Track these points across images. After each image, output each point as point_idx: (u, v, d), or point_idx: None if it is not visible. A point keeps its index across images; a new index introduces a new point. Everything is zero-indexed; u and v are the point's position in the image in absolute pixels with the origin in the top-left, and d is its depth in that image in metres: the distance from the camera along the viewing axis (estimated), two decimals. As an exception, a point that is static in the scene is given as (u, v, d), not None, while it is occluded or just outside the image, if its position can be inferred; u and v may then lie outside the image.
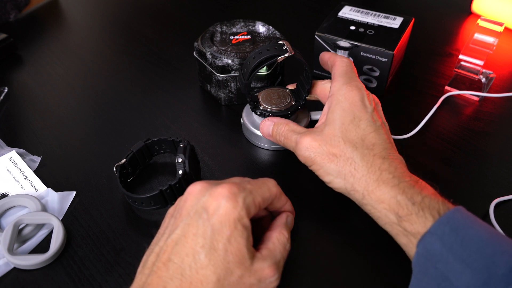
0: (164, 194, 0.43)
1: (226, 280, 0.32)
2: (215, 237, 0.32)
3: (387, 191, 0.37)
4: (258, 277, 0.33)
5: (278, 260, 0.35)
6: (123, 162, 0.47)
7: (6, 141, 0.54)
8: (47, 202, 0.47)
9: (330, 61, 0.47)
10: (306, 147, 0.41)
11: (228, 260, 0.32)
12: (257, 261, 0.33)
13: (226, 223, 0.32)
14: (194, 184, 0.35)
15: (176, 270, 0.32)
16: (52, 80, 0.64)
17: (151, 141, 0.48)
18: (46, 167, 0.51)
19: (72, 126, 0.57)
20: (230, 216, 0.32)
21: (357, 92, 0.41)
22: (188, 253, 0.32)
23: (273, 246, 0.35)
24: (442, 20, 0.74)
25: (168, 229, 0.35)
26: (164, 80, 0.63)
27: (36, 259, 0.41)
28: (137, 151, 0.48)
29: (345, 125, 0.40)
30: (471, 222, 0.34)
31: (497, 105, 0.57)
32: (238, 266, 0.32)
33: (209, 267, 0.31)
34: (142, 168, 0.50)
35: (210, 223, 0.32)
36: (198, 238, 0.32)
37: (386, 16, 0.59)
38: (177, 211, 0.36)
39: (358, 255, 0.42)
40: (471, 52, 0.57)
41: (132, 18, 0.78)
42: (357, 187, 0.38)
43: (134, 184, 0.49)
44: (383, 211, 0.37)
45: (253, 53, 0.46)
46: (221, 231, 0.32)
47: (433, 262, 0.33)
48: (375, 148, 0.39)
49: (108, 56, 0.69)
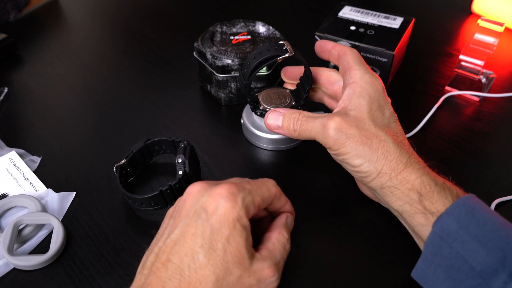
0: (164, 194, 0.43)
1: (225, 280, 0.32)
2: (214, 237, 0.32)
3: (414, 172, 0.37)
4: (258, 278, 0.33)
5: (278, 260, 0.35)
6: (123, 162, 0.47)
7: (6, 142, 0.54)
8: (47, 202, 0.47)
9: (337, 50, 0.46)
10: (337, 128, 0.39)
11: (227, 260, 0.32)
12: (256, 262, 0.33)
13: (225, 223, 0.32)
14: (193, 185, 0.35)
15: (175, 270, 0.32)
16: (52, 80, 0.64)
17: (151, 142, 0.48)
18: (46, 168, 0.51)
19: (72, 126, 0.56)
20: (229, 216, 0.32)
21: (380, 82, 0.42)
22: (187, 253, 0.32)
23: (272, 247, 0.35)
24: (442, 20, 0.74)
25: (167, 230, 0.35)
26: (164, 80, 0.63)
27: (36, 259, 0.41)
28: (137, 152, 0.48)
29: (373, 110, 0.40)
30: (484, 207, 0.35)
31: (497, 105, 0.57)
32: (237, 266, 0.32)
33: (208, 267, 0.31)
34: (142, 169, 0.50)
35: (209, 223, 0.32)
36: (197, 238, 0.32)
37: (386, 16, 0.59)
38: (176, 211, 0.36)
39: (359, 254, 0.42)
40: (471, 52, 0.57)
41: (132, 18, 0.78)
42: (386, 169, 0.38)
43: (134, 185, 0.49)
44: (406, 191, 0.37)
45: (253, 53, 0.46)
46: (220, 231, 0.32)
47: (449, 242, 0.33)
48: (399, 135, 0.40)
49: (108, 56, 0.69)
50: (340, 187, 0.48)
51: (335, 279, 0.40)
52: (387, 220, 0.43)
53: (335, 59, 0.46)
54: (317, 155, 0.49)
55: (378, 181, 0.39)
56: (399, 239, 0.42)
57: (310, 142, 0.52)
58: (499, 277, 0.31)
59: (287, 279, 0.39)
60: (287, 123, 0.43)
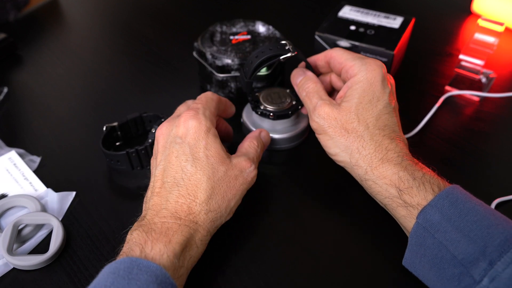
0: (130, 156, 0.47)
1: (215, 177, 0.38)
2: (194, 150, 0.39)
3: (390, 168, 0.39)
4: (239, 168, 0.40)
5: (252, 156, 0.42)
6: (114, 124, 0.51)
7: (6, 141, 0.54)
8: (47, 202, 0.47)
9: (325, 56, 0.47)
10: (322, 116, 0.43)
11: (211, 162, 0.38)
12: (234, 158, 0.41)
13: (199, 137, 0.39)
14: (159, 128, 0.42)
15: (172, 186, 0.38)
16: (52, 80, 0.64)
17: (147, 115, 0.52)
18: (45, 167, 0.51)
19: (72, 126, 0.56)
20: (200, 130, 0.39)
21: (378, 72, 0.42)
22: (177, 170, 0.38)
23: (245, 150, 0.43)
24: (442, 20, 0.74)
25: (153, 167, 0.41)
26: (164, 80, 0.63)
27: (35, 259, 0.41)
28: (130, 120, 0.52)
29: (362, 104, 0.41)
30: (468, 198, 0.36)
31: (497, 105, 0.57)
32: (221, 163, 0.39)
33: (198, 172, 0.38)
34: (134, 137, 0.53)
35: (186, 142, 0.39)
36: (181, 157, 0.38)
37: (386, 16, 0.59)
38: (154, 154, 0.42)
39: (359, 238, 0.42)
40: (471, 52, 0.57)
41: (132, 18, 0.77)
42: (361, 163, 0.40)
43: (120, 148, 0.52)
44: (384, 186, 0.39)
45: (256, 52, 0.46)
46: (197, 144, 0.39)
47: (432, 232, 0.35)
48: (386, 129, 0.41)
49: (108, 56, 0.69)
50: (340, 187, 0.48)
51: (339, 259, 0.40)
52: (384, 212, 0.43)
53: (326, 68, 0.48)
54: (316, 155, 0.49)
55: (356, 173, 0.42)
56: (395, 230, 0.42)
57: (309, 142, 0.53)
58: (479, 265, 0.32)
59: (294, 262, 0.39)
60: (300, 86, 0.47)
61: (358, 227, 0.44)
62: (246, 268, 0.41)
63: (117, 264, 0.32)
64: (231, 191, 0.39)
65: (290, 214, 0.45)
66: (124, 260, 0.32)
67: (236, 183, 0.40)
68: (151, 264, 0.32)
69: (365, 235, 0.44)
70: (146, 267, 0.32)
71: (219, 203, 0.38)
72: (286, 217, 0.45)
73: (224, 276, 0.41)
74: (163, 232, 0.35)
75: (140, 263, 0.32)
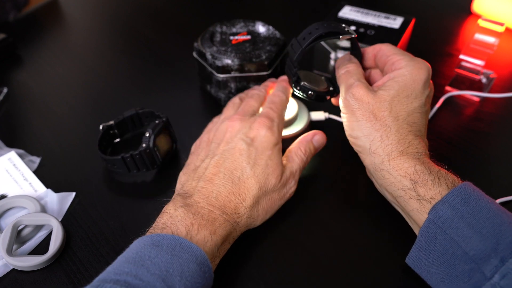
0: (125, 160, 0.47)
1: (265, 187, 0.41)
2: (258, 156, 0.41)
3: (407, 161, 0.39)
4: (283, 184, 0.42)
5: (295, 169, 0.44)
6: (110, 123, 0.51)
7: (6, 142, 0.54)
8: (47, 203, 0.46)
9: (374, 49, 0.47)
10: (356, 97, 0.42)
11: (267, 172, 0.41)
12: (284, 171, 0.42)
13: (268, 147, 0.42)
14: (233, 121, 0.44)
15: (227, 179, 0.40)
16: (51, 80, 0.64)
17: (143, 111, 0.52)
18: (45, 168, 0.51)
19: (72, 126, 0.56)
20: (270, 141, 0.42)
21: (424, 72, 0.42)
22: (237, 167, 0.41)
23: (291, 158, 0.44)
24: (443, 20, 0.74)
25: (211, 152, 0.43)
26: (164, 80, 0.63)
27: (35, 260, 0.41)
28: (127, 117, 0.52)
29: (399, 97, 0.41)
30: (481, 195, 0.36)
31: (497, 105, 0.57)
32: (275, 176, 0.41)
33: (254, 177, 0.40)
34: (132, 135, 0.54)
35: (254, 147, 0.42)
36: (244, 157, 0.41)
37: (386, 16, 0.59)
38: (215, 141, 0.44)
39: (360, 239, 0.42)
40: (471, 52, 0.57)
41: (132, 18, 0.77)
42: (380, 151, 0.40)
43: (118, 146, 0.53)
44: (399, 177, 0.38)
45: (316, 24, 0.44)
46: (264, 152, 0.41)
47: (444, 228, 0.35)
48: (413, 126, 0.41)
49: (108, 56, 0.69)
50: (341, 188, 0.48)
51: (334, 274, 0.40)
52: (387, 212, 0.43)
53: (371, 61, 0.47)
54: (316, 155, 0.49)
55: (371, 160, 0.41)
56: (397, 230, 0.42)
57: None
58: (491, 262, 0.32)
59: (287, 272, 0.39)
60: (340, 63, 0.46)
61: (358, 228, 0.44)
62: (246, 270, 0.41)
63: (160, 238, 0.34)
64: (272, 205, 0.42)
65: (290, 215, 0.45)
66: (168, 237, 0.34)
67: (277, 197, 0.42)
68: (194, 246, 0.34)
69: (366, 236, 0.43)
70: (188, 247, 0.34)
71: (259, 212, 0.41)
72: (287, 218, 0.45)
73: (225, 276, 0.41)
74: (210, 221, 0.37)
75: (183, 243, 0.34)
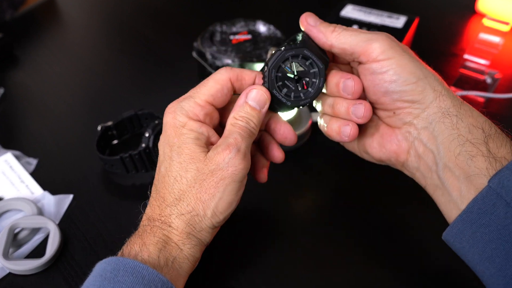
0: (124, 161, 0.47)
1: (183, 178, 0.35)
2: (171, 149, 0.36)
3: (474, 109, 0.34)
4: (215, 162, 0.35)
5: (232, 140, 0.35)
6: (109, 124, 0.50)
7: (2, 143, 0.53)
8: (43, 205, 0.46)
9: None
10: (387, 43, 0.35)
11: (180, 161, 0.35)
12: (211, 151, 0.35)
13: (172, 134, 0.36)
14: None
15: (153, 189, 0.37)
16: (49, 80, 0.63)
17: (142, 112, 0.52)
18: (42, 169, 0.50)
19: (70, 126, 0.56)
20: (172, 127, 0.36)
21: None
22: (157, 171, 0.37)
23: (227, 132, 0.36)
24: (446, 20, 0.73)
25: None
26: (164, 80, 0.63)
27: (32, 264, 0.40)
28: (126, 118, 0.51)
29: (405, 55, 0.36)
30: None
31: (503, 106, 0.57)
32: (191, 162, 0.35)
33: (168, 173, 0.36)
34: (131, 135, 0.53)
35: (167, 142, 0.36)
36: (161, 157, 0.37)
37: (389, 16, 0.58)
38: None
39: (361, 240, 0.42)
40: (476, 51, 0.56)
41: (131, 17, 0.77)
42: (446, 95, 0.34)
43: (117, 147, 0.52)
44: (470, 126, 0.33)
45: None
46: (172, 142, 0.36)
47: (508, 200, 0.30)
48: None
49: (106, 56, 0.68)
50: (342, 189, 0.48)
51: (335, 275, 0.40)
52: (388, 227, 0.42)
53: None
54: (317, 159, 0.49)
55: (439, 105, 0.34)
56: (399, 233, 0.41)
57: (310, 145, 0.52)
58: None
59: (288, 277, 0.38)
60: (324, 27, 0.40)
61: (359, 229, 0.44)
62: (246, 272, 0.41)
63: (105, 264, 0.33)
64: (206, 191, 0.34)
65: (291, 215, 0.45)
66: (111, 260, 0.33)
67: (212, 180, 0.34)
68: (137, 263, 0.32)
69: (366, 236, 0.43)
70: (132, 268, 0.32)
71: (192, 205, 0.35)
72: (287, 219, 0.45)
73: (224, 278, 0.40)
74: (139, 234, 0.36)
75: (126, 263, 0.32)
